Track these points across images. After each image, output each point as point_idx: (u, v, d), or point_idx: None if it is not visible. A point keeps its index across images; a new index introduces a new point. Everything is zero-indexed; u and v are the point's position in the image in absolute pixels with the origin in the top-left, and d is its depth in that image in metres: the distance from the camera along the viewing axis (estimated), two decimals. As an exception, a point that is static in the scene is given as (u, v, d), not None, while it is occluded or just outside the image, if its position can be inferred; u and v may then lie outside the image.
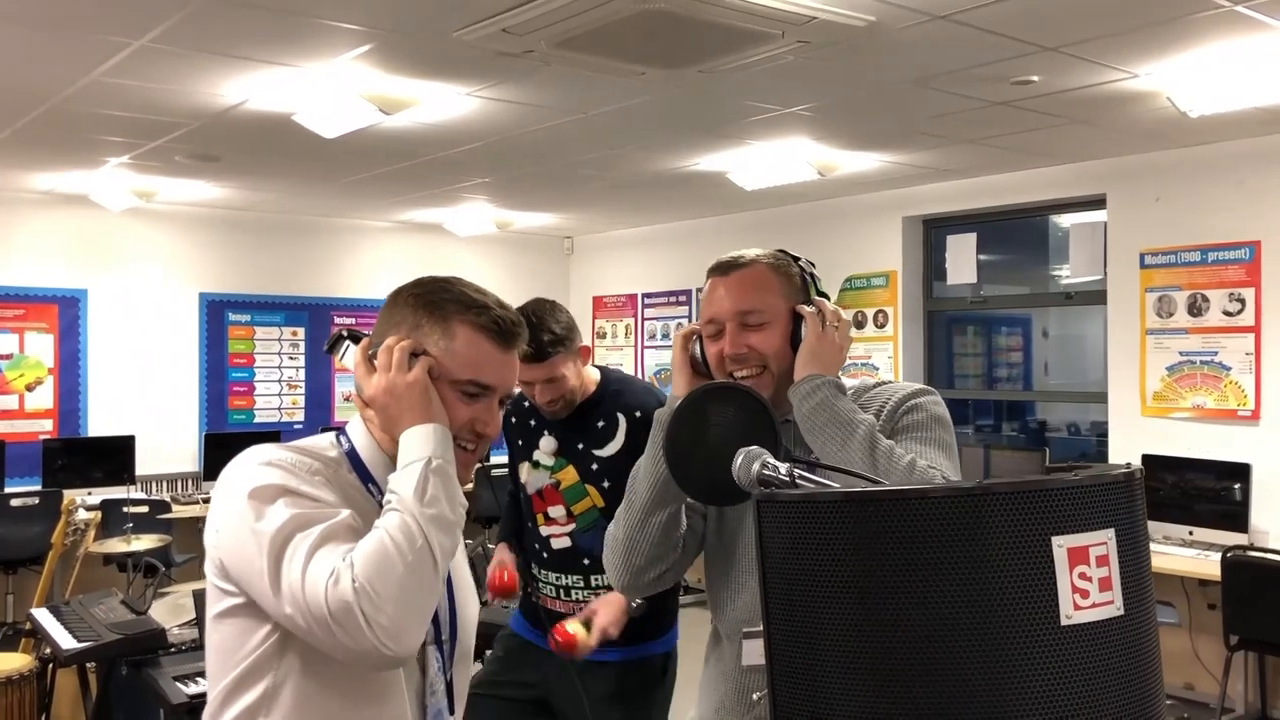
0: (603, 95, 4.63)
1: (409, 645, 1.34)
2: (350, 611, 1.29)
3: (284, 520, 1.36)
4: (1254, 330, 5.46)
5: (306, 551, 1.33)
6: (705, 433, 1.51)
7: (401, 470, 1.42)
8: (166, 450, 7.72)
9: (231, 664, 1.44)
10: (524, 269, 9.16)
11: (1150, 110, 4.86)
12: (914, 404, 1.79)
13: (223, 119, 5.02)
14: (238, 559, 1.39)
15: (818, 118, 5.08)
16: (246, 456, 1.45)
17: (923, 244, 7.21)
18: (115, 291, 7.61)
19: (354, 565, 1.31)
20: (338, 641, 1.31)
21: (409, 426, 1.45)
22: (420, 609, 1.36)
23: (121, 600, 3.93)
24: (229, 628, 1.44)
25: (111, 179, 6.59)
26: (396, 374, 1.46)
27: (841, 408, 1.70)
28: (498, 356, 1.52)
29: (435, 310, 1.50)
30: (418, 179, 6.68)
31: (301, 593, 1.31)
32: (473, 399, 1.51)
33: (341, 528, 1.37)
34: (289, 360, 8.35)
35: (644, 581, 1.85)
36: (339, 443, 1.56)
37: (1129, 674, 1.01)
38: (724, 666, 1.85)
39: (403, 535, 1.34)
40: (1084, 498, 1.01)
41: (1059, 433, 7.59)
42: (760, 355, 1.79)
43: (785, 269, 1.84)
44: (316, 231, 8.45)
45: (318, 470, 1.45)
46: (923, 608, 0.99)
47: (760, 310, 1.79)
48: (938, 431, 1.78)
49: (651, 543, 1.80)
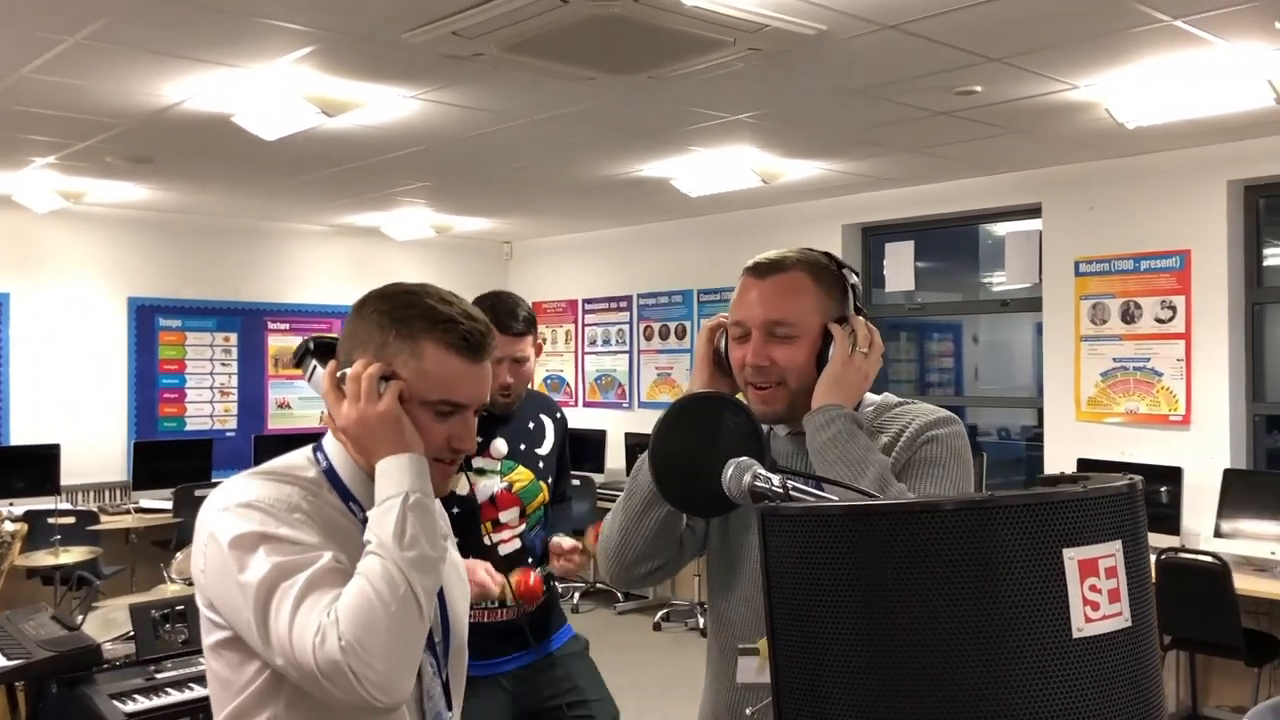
0: (549, 100, 4.59)
1: (400, 694, 1.35)
2: (339, 669, 1.29)
3: (266, 571, 1.35)
4: (1184, 337, 5.60)
5: (291, 605, 1.33)
6: (689, 444, 1.49)
7: (379, 507, 1.40)
8: (94, 459, 7.48)
9: (232, 693, 1.44)
10: (462, 274, 9.06)
11: (1088, 121, 4.96)
12: (934, 435, 1.70)
13: (158, 120, 4.89)
14: (225, 605, 1.40)
15: (763, 125, 5.10)
16: (226, 496, 1.43)
17: (862, 252, 7.29)
18: (39, 295, 7.37)
19: (339, 622, 1.31)
20: (329, 694, 1.32)
21: (383, 456, 1.43)
22: (408, 657, 1.36)
23: (52, 615, 3.79)
24: (224, 659, 1.45)
25: (37, 180, 6.38)
26: (367, 405, 1.44)
27: (854, 445, 1.63)
28: (468, 370, 1.48)
29: (402, 328, 1.46)
30: (357, 182, 6.58)
31: (290, 649, 1.32)
32: (446, 416, 1.48)
33: (324, 573, 1.36)
34: (221, 367, 8.16)
35: (635, 575, 1.81)
36: (317, 460, 1.52)
37: (1136, 685, 1.01)
38: (719, 682, 1.82)
39: (385, 584, 1.33)
40: (1092, 509, 1.01)
41: (989, 437, 7.72)
42: (781, 370, 1.71)
43: (827, 277, 1.76)
44: (251, 235, 8.28)
45: (296, 504, 1.42)
46: (931, 622, 0.98)
47: (790, 323, 1.71)
48: (954, 469, 1.69)
49: (646, 538, 1.76)
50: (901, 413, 1.77)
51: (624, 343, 8.69)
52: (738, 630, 1.78)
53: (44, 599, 5.44)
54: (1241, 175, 5.47)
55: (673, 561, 1.82)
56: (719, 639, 1.84)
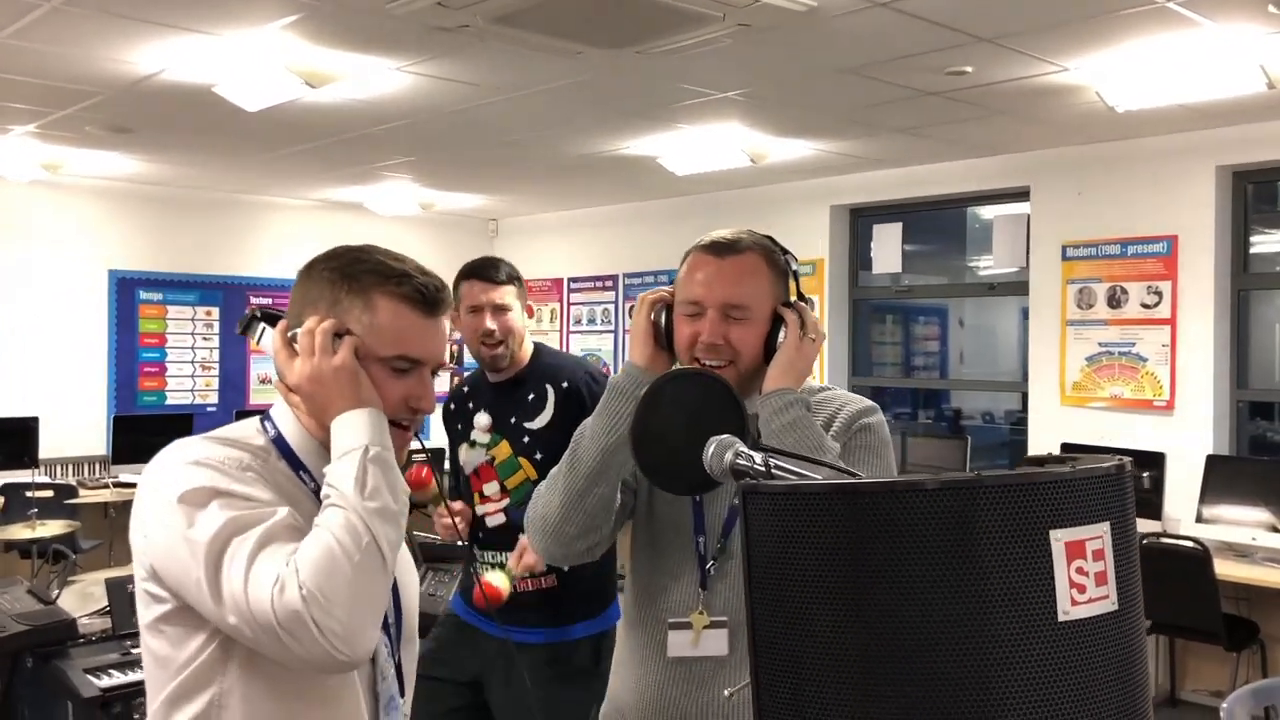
0: (535, 74, 4.54)
1: (363, 648, 1.27)
2: (300, 620, 1.22)
3: (219, 525, 1.27)
4: (1170, 323, 5.59)
5: (246, 557, 1.25)
6: (670, 422, 1.46)
7: (337, 461, 1.34)
8: (73, 432, 7.41)
9: (171, 673, 1.35)
10: (447, 251, 8.94)
11: (1077, 104, 4.93)
12: (866, 424, 1.77)
13: (138, 88, 4.82)
14: (172, 567, 1.31)
15: (752, 103, 5.06)
16: (171, 455, 1.36)
17: (849, 233, 7.26)
18: (19, 267, 7.28)
19: (299, 570, 1.23)
20: (288, 650, 1.24)
21: (340, 413, 1.37)
22: (372, 609, 1.29)
23: (28, 589, 3.76)
24: (164, 635, 1.35)
25: (15, 149, 6.29)
26: (321, 359, 1.38)
27: (811, 432, 1.66)
28: (424, 325, 1.44)
29: (353, 283, 1.42)
30: (340, 156, 6.51)
31: (245, 602, 1.24)
32: (403, 374, 1.43)
33: (280, 528, 1.29)
34: (202, 341, 8.10)
35: (574, 551, 1.78)
36: (265, 429, 1.46)
37: (1122, 671, 0.99)
38: (647, 656, 1.79)
39: (347, 534, 1.27)
40: (1080, 490, 0.99)
41: (973, 420, 7.73)
42: (733, 350, 1.73)
43: (777, 261, 1.79)
44: (233, 208, 8.20)
45: (248, 465, 1.36)
46: (915, 603, 0.96)
47: (746, 305, 1.73)
48: (887, 456, 1.77)
49: (588, 513, 1.72)
50: (827, 398, 1.82)
51: (609, 322, 8.66)
52: (664, 603, 1.77)
53: (21, 573, 5.40)
54: (1230, 161, 5.45)
55: (609, 534, 1.79)
56: (645, 612, 1.81)
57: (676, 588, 1.76)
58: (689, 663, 1.74)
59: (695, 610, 1.75)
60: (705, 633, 1.73)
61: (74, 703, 3.23)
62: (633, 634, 1.84)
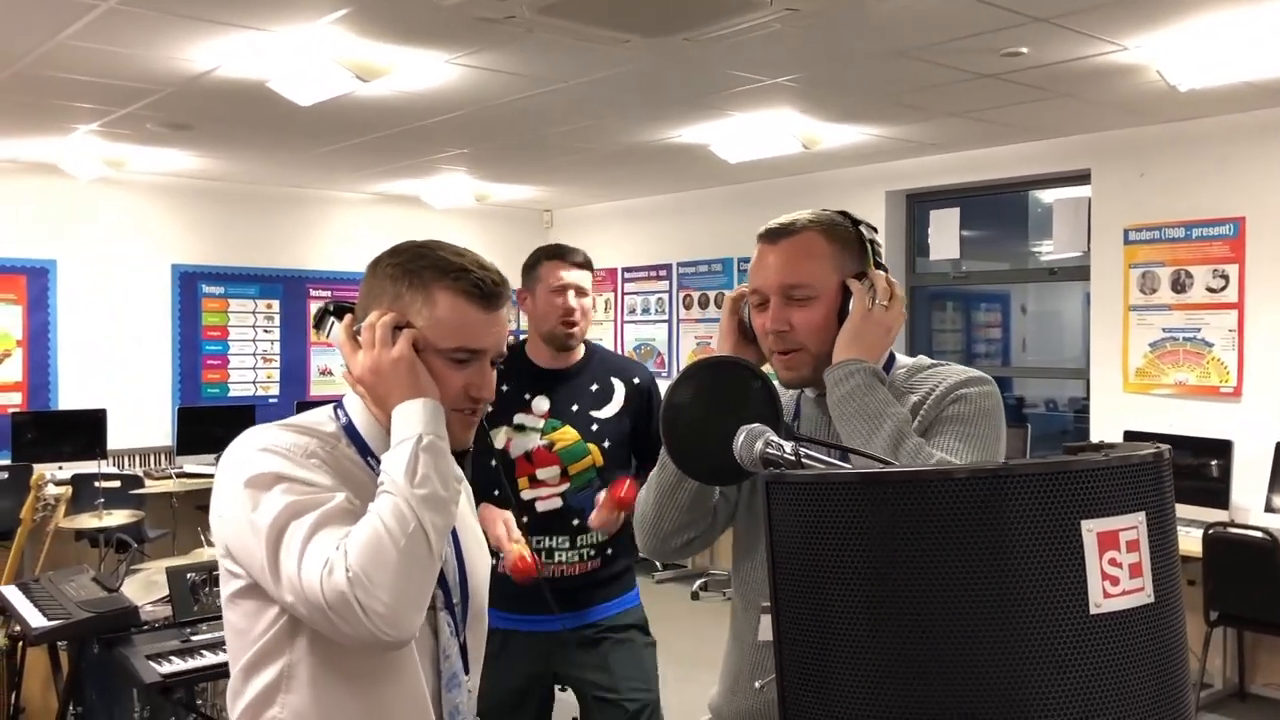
0: (585, 64, 4.54)
1: (408, 630, 1.34)
2: (346, 601, 1.29)
3: (279, 509, 1.35)
4: (1237, 307, 5.44)
5: (302, 540, 1.33)
6: (702, 410, 1.45)
7: (393, 450, 1.41)
8: (139, 424, 7.59)
9: (247, 643, 1.45)
10: (502, 242, 9.03)
11: (1138, 84, 4.81)
12: (962, 394, 1.67)
13: (194, 85, 4.90)
14: (239, 547, 1.41)
15: (803, 89, 5.01)
16: (245, 441, 1.45)
17: (905, 219, 7.16)
18: (86, 262, 7.45)
19: (348, 554, 1.31)
20: (337, 629, 1.32)
21: (398, 402, 1.44)
22: (417, 593, 1.35)
23: (93, 577, 3.84)
24: (241, 608, 1.45)
25: (81, 147, 6.44)
26: (381, 351, 1.45)
27: (871, 400, 1.60)
28: (482, 318, 1.50)
29: (414, 279, 1.49)
30: (394, 149, 6.57)
31: (299, 582, 1.32)
32: (463, 365, 1.50)
33: (337, 512, 1.36)
34: (264, 334, 8.23)
35: (671, 547, 1.80)
36: (337, 416, 1.55)
37: (1159, 665, 0.96)
38: (741, 640, 1.82)
39: (395, 520, 1.33)
40: (1113, 479, 0.96)
41: (1036, 409, 7.60)
42: (800, 334, 1.69)
43: (841, 234, 1.73)
44: (291, 202, 8.31)
45: (314, 451, 1.44)
46: (942, 596, 0.94)
47: (806, 285, 1.68)
48: (981, 427, 1.65)
49: (681, 509, 1.74)
50: (934, 373, 1.75)
51: (663, 312, 8.64)
52: (759, 589, 1.76)
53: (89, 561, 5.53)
54: (1301, 139, 5.29)
55: (708, 532, 1.80)
56: (741, 598, 1.83)
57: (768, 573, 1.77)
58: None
59: None
60: None
61: (137, 688, 3.30)
62: (735, 618, 1.86)
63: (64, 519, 5.46)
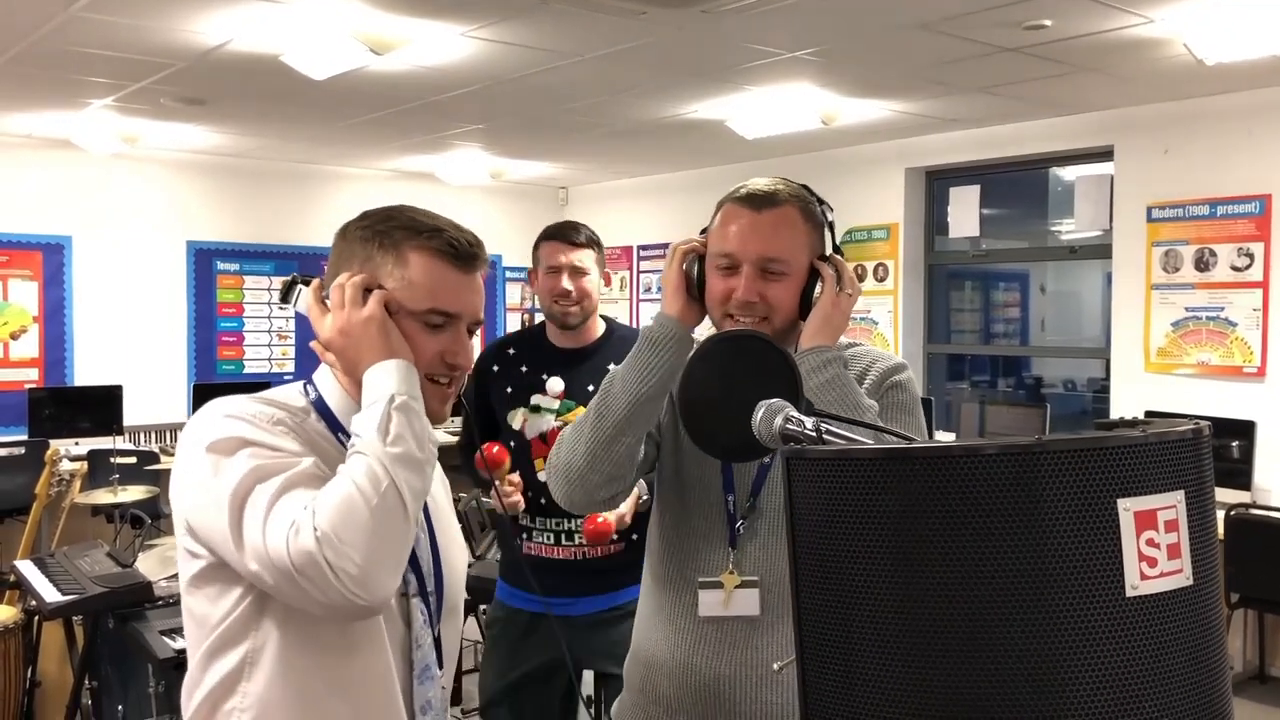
0: (601, 37, 4.48)
1: (381, 593, 1.26)
2: (314, 562, 1.21)
3: (244, 473, 1.28)
4: (1262, 286, 5.36)
5: (267, 503, 1.25)
6: (720, 384, 1.40)
7: (364, 411, 1.34)
8: (154, 400, 7.60)
9: (207, 630, 1.36)
10: (518, 219, 9.01)
11: (1162, 58, 4.72)
12: (898, 381, 1.73)
13: (208, 59, 4.86)
14: (200, 517, 1.32)
15: (822, 63, 4.94)
16: (208, 410, 1.37)
17: (925, 196, 7.08)
18: (101, 239, 7.45)
19: (316, 514, 1.23)
20: (305, 594, 1.23)
21: (369, 365, 1.36)
22: (391, 553, 1.27)
23: (107, 552, 3.84)
24: (202, 593, 1.37)
25: (95, 122, 6.42)
26: (351, 311, 1.38)
27: (850, 390, 1.62)
28: (457, 279, 1.43)
29: (385, 240, 1.41)
30: (409, 125, 6.53)
31: (264, 546, 1.24)
32: (438, 329, 1.42)
33: (303, 476, 1.29)
34: (279, 310, 8.22)
35: (595, 500, 1.75)
36: (306, 392, 1.47)
37: (1197, 650, 0.92)
38: (674, 615, 1.77)
39: (366, 478, 1.26)
40: (1151, 457, 0.91)
41: (1054, 389, 7.53)
42: (768, 307, 1.68)
43: (814, 214, 1.73)
44: (307, 179, 8.29)
45: (281, 420, 1.36)
46: (972, 577, 0.90)
47: (784, 260, 1.68)
48: (918, 415, 1.73)
49: (614, 462, 1.69)
50: (857, 354, 1.77)
51: (680, 289, 8.58)
52: (693, 562, 1.74)
53: (104, 536, 5.55)
54: (1329, 115, 5.20)
55: (630, 485, 1.77)
56: (673, 570, 1.78)
57: (705, 547, 1.74)
58: (720, 622, 1.72)
59: (725, 570, 1.72)
60: (736, 593, 1.71)
61: (151, 663, 3.30)
62: (660, 592, 1.81)
63: (79, 494, 5.47)
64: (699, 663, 1.72)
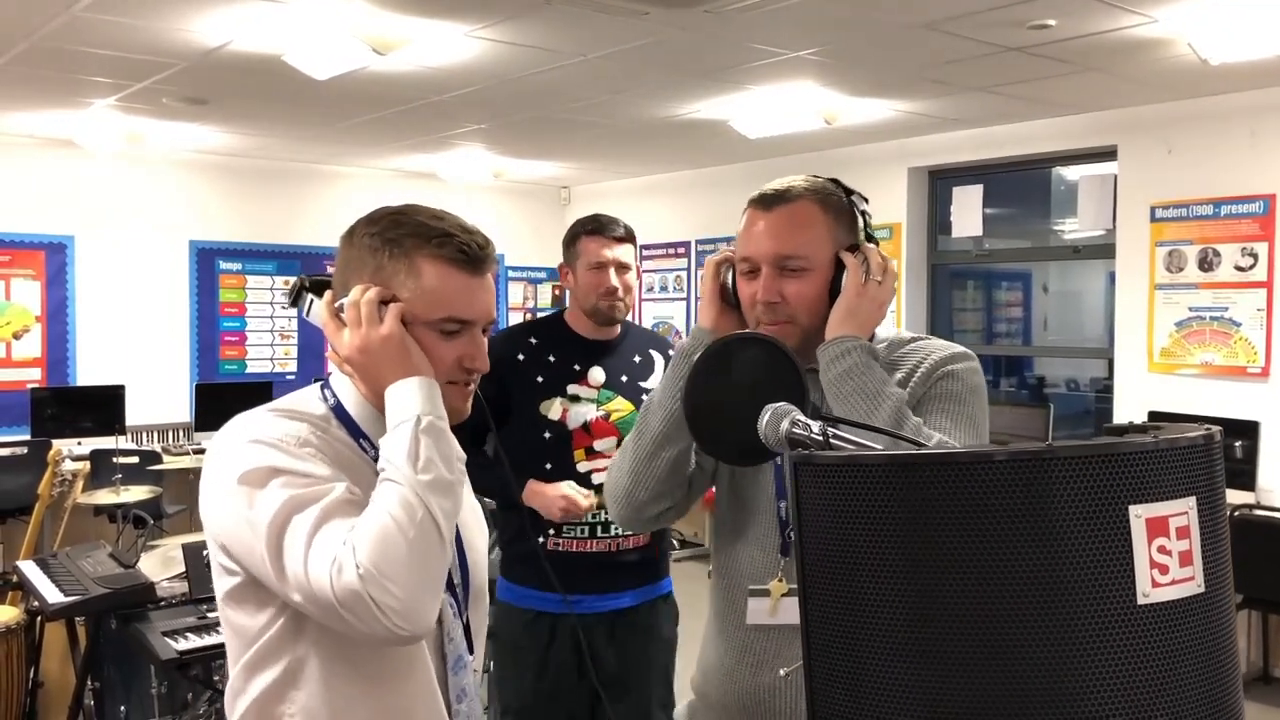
0: (603, 37, 4.47)
1: (424, 623, 1.28)
2: (359, 599, 1.23)
3: (278, 506, 1.28)
4: (1266, 285, 5.35)
5: (306, 536, 1.26)
6: (726, 387, 1.40)
7: (391, 433, 1.34)
8: (157, 400, 7.59)
9: (246, 641, 1.39)
10: (520, 219, 9.00)
11: (1166, 58, 4.71)
12: (951, 370, 1.65)
13: (210, 59, 4.86)
14: (237, 545, 1.34)
15: (825, 62, 4.93)
16: (233, 432, 1.37)
17: (928, 196, 7.07)
18: (103, 238, 7.45)
19: (356, 550, 1.24)
20: (351, 627, 1.25)
21: (391, 383, 1.36)
22: (431, 583, 1.29)
23: (110, 553, 3.84)
24: (239, 606, 1.39)
25: (98, 122, 6.41)
26: (369, 329, 1.37)
27: (870, 378, 1.57)
28: (470, 284, 1.41)
29: (395, 248, 1.40)
30: (411, 124, 6.52)
31: (307, 581, 1.25)
32: (453, 335, 1.42)
33: (339, 504, 1.30)
34: (281, 310, 8.22)
35: (645, 517, 1.76)
36: (325, 397, 1.47)
37: (1209, 659, 0.91)
38: (726, 623, 1.77)
39: (402, 510, 1.27)
40: (1163, 462, 0.91)
41: (1057, 389, 7.52)
42: (792, 306, 1.65)
43: (835, 204, 1.70)
44: (309, 179, 8.28)
45: (306, 439, 1.36)
46: (981, 584, 0.89)
47: (801, 256, 1.64)
48: (971, 406, 1.64)
49: (657, 478, 1.70)
50: (916, 348, 1.71)
51: (681, 289, 8.59)
52: (746, 571, 1.73)
53: (106, 536, 5.55)
54: (1334, 115, 5.19)
55: (683, 501, 1.76)
56: (726, 581, 1.78)
57: (758, 554, 1.73)
58: (768, 630, 1.70)
59: (775, 578, 1.70)
60: (783, 600, 1.69)
61: (154, 664, 3.30)
62: (717, 598, 1.81)
63: (82, 495, 5.47)
64: (744, 671, 1.71)
